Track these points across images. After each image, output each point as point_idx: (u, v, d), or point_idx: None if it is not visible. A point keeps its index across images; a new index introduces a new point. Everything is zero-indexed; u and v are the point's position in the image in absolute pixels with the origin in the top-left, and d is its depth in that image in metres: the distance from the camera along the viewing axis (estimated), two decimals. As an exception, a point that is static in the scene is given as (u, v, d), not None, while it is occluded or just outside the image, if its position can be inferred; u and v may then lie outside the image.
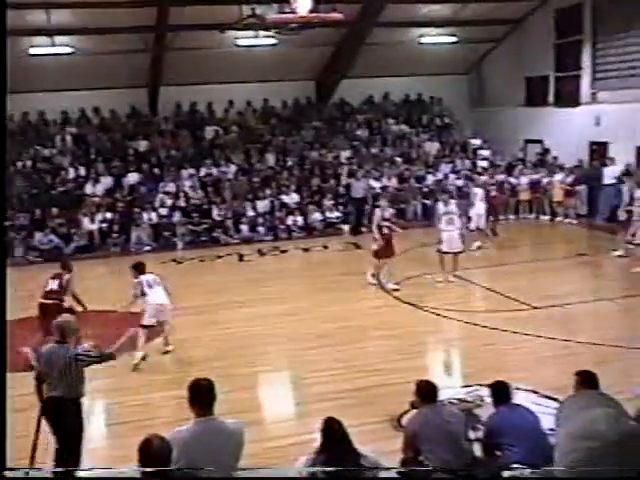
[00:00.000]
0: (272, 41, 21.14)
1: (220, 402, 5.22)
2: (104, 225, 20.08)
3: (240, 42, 21.63)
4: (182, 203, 21.12)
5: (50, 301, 10.76)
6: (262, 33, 20.56)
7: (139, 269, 10.90)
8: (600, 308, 12.64)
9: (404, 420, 7.68)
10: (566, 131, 22.02)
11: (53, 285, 11.03)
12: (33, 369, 7.31)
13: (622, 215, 16.38)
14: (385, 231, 14.44)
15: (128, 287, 10.97)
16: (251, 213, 21.12)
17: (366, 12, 21.32)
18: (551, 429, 6.55)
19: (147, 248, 19.64)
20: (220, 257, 18.67)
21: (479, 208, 18.18)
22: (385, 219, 14.53)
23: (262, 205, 21.34)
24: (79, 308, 10.86)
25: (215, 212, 20.91)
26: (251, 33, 20.64)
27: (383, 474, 5.61)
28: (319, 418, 5.86)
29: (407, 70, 24.91)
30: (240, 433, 5.10)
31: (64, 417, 6.86)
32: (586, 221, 20.36)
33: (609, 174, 19.69)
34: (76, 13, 19.20)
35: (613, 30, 20.80)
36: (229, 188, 21.78)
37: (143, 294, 10.63)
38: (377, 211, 14.97)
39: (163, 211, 20.72)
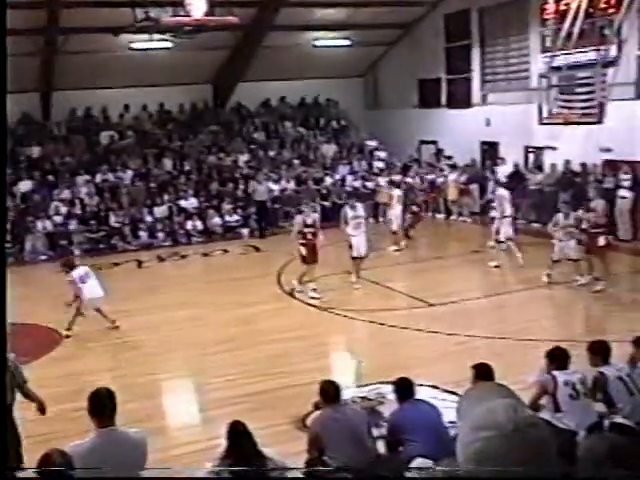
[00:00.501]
0: (167, 44, 20.89)
1: (122, 412, 5.17)
2: (-5, 235, 19.38)
3: (135, 45, 21.29)
4: (78, 210, 20.63)
5: None
6: (157, 36, 20.28)
7: (69, 265, 11.62)
8: (494, 303, 13.08)
9: (308, 421, 7.76)
10: (458, 132, 22.64)
11: None
12: None
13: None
14: (309, 237, 14.11)
15: (26, 298, 10.77)
16: (149, 219, 20.82)
17: (261, 16, 21.37)
18: (452, 422, 6.78)
19: (43, 257, 19.09)
20: (118, 264, 18.30)
21: (397, 209, 17.97)
22: (308, 225, 14.16)
23: (160, 210, 21.07)
24: None
25: (112, 219, 20.52)
26: (146, 36, 20.32)
27: (288, 475, 5.67)
28: (224, 423, 5.87)
29: (303, 73, 25.09)
30: (143, 443, 5.05)
31: None
32: (479, 219, 20.99)
33: (500, 173, 20.38)
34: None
35: (497, 35, 21.60)
36: (126, 194, 21.41)
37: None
38: (298, 217, 14.75)
39: (58, 219, 20.17)
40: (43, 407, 7.06)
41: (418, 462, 5.86)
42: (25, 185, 21.07)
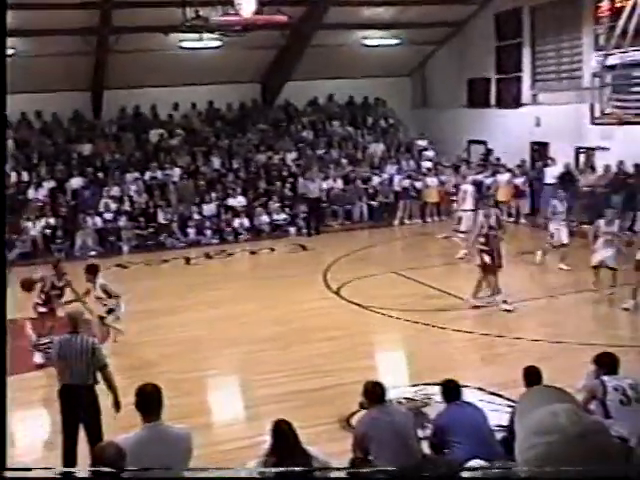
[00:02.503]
0: (216, 43, 21.04)
1: (167, 407, 5.21)
2: (48, 231, 19.74)
3: (184, 44, 21.48)
4: (127, 207, 20.88)
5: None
6: (206, 35, 20.42)
7: (93, 272, 11.29)
8: (543, 305, 12.89)
9: (353, 421, 7.74)
10: (508, 132, 22.39)
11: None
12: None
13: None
14: (493, 240, 12.62)
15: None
16: (197, 216, 20.98)
17: (310, 14, 21.39)
18: (498, 426, 6.71)
19: (92, 253, 19.34)
20: (166, 261, 18.50)
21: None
22: (491, 227, 12.68)
23: (208, 208, 21.22)
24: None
25: (161, 216, 20.73)
26: (195, 35, 20.48)
27: (333, 474, 5.65)
28: (268, 420, 5.89)
29: (351, 72, 25.04)
30: (188, 438, 5.09)
31: (83, 405, 7.10)
32: (529, 221, 20.71)
33: (550, 174, 20.11)
34: (17, 14, 18.85)
35: (549, 34, 21.31)
36: (175, 191, 21.61)
37: (110, 296, 11.13)
38: (480, 218, 13.14)
39: (108, 215, 20.45)
40: (118, 402, 7.16)
41: (473, 463, 5.79)
42: (76, 182, 21.40)
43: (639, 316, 12.10)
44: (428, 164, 23.73)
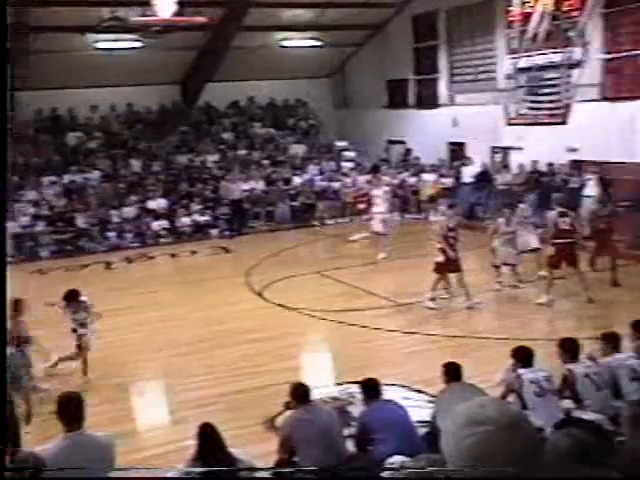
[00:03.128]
0: (135, 44, 20.78)
1: (91, 415, 5.15)
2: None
3: (102, 45, 21.13)
4: (45, 211, 20.43)
5: None
6: (125, 36, 20.16)
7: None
8: (461, 302, 13.15)
9: (278, 422, 7.78)
10: (426, 132, 22.81)
11: None
12: None
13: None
14: (451, 243, 12.73)
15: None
16: (117, 220, 20.68)
17: (230, 16, 21.32)
18: (421, 421, 6.85)
19: (9, 259, 18.83)
20: (86, 266, 18.16)
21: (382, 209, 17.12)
22: (451, 228, 12.81)
23: (129, 211, 20.95)
24: None
25: (80, 220, 20.35)
26: (113, 36, 20.20)
27: (257, 475, 5.68)
28: (194, 424, 5.88)
29: (272, 73, 25.10)
30: (111, 446, 5.04)
31: None
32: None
33: (467, 173, 20.58)
34: None
35: (464, 36, 21.81)
36: (94, 195, 21.25)
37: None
38: (442, 220, 13.24)
39: (25, 220, 19.96)
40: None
41: (393, 460, 5.89)
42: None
43: (552, 310, 12.50)
44: (349, 164, 23.98)
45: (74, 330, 10.35)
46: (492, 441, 1.85)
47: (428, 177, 21.76)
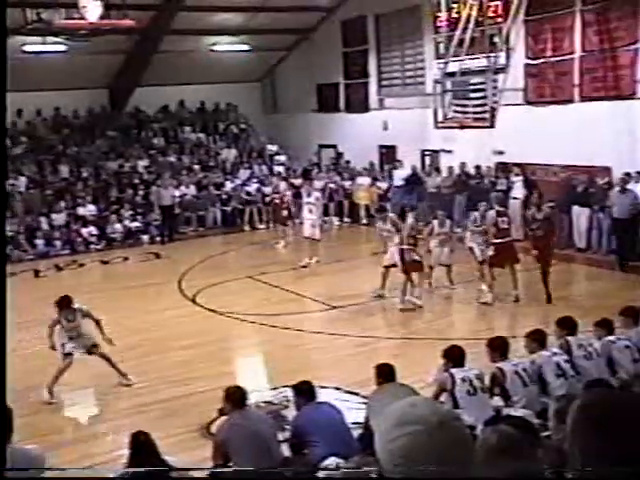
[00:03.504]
0: (62, 48, 20.37)
1: (19, 427, 5.06)
2: None
3: (28, 48, 20.60)
4: (-32, 219, 19.87)
5: None
6: (51, 39, 19.74)
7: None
8: (393, 304, 13.32)
9: (213, 427, 7.76)
10: (357, 135, 22.99)
11: None
12: None
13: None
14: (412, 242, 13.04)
15: None
16: (46, 227, 20.27)
17: (158, 20, 21.11)
18: (355, 423, 6.92)
19: None
20: (14, 274, 17.69)
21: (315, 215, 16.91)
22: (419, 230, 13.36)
23: (57, 218, 20.53)
24: None
25: (7, 227, 19.85)
26: (39, 39, 19.76)
27: (192, 475, 5.67)
28: (127, 433, 5.82)
29: (202, 78, 24.93)
30: (41, 458, 4.94)
31: None
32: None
33: (398, 176, 20.84)
34: None
35: (393, 41, 22.07)
36: (21, 202, 20.77)
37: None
38: (410, 220, 13.31)
39: (-53, 228, 19.39)
40: None
41: (330, 461, 5.94)
42: None
43: (491, 309, 12.76)
44: (280, 168, 24.01)
45: (62, 345, 10.01)
46: (424, 440, 1.87)
47: (362, 180, 21.90)
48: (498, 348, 7.21)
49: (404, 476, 1.88)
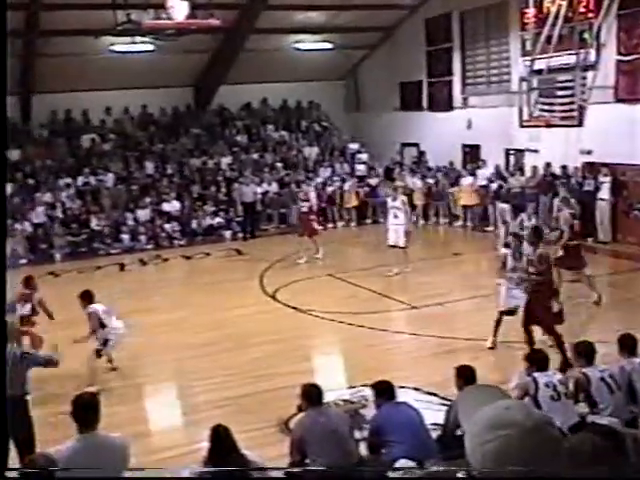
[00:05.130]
0: (149, 47, 20.83)
1: (104, 416, 5.15)
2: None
3: (116, 48, 21.15)
4: (59, 213, 20.51)
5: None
6: (139, 39, 20.20)
7: (87, 298, 10.24)
8: (475, 305, 13.11)
9: (291, 424, 7.77)
10: (440, 134, 22.73)
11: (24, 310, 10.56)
12: None
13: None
14: None
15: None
16: (131, 222, 20.75)
17: (243, 19, 21.36)
18: (434, 424, 6.83)
19: (23, 261, 18.90)
20: (100, 268, 18.24)
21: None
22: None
23: (142, 214, 21.00)
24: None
25: (94, 222, 20.42)
26: (127, 39, 20.25)
27: (270, 475, 5.68)
28: (206, 427, 5.87)
29: (285, 76, 25.09)
30: (125, 447, 5.04)
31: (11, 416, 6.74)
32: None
33: (481, 176, 20.51)
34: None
35: (478, 39, 21.73)
36: (108, 197, 21.33)
37: (103, 325, 10.07)
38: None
39: (39, 222, 20.04)
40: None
41: (401, 463, 5.89)
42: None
43: (574, 314, 12.41)
44: (362, 167, 23.96)
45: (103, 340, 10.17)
46: (516, 444, 1.86)
47: (465, 181, 21.00)
48: (584, 354, 7.00)
49: (497, 477, 1.89)
